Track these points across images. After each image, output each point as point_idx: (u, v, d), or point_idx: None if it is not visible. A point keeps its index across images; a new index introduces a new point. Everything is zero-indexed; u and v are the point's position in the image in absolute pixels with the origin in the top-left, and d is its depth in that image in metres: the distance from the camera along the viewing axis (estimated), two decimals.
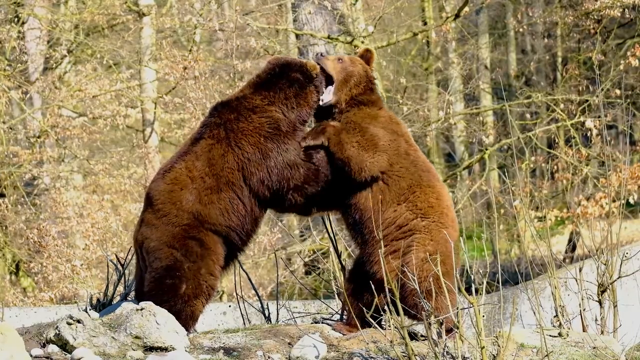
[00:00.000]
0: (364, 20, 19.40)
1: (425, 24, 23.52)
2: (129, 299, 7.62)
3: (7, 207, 18.96)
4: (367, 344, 6.80)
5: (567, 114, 18.87)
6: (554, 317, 7.26)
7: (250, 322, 8.65)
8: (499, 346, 6.36)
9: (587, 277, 7.70)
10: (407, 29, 21.18)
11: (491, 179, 23.51)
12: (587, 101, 18.82)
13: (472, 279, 6.73)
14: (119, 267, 8.06)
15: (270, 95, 7.17)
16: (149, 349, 6.64)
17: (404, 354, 6.46)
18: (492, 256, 17.38)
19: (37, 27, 20.37)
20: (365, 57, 7.38)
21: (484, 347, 6.18)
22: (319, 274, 17.03)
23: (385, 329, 6.74)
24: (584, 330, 7.44)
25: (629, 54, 18.74)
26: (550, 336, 6.89)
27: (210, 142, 7.05)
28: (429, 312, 6.38)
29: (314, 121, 7.34)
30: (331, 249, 8.50)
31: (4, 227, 19.19)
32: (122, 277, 7.98)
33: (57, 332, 6.75)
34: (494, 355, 6.38)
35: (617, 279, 7.48)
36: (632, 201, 17.40)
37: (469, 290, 6.32)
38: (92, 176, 20.41)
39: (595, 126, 18.00)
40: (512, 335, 6.63)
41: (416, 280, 6.59)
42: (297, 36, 19.17)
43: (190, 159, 7.05)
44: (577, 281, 7.53)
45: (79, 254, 17.83)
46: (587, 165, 18.65)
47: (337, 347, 6.86)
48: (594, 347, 6.86)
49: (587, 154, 18.67)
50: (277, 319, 8.82)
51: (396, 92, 20.51)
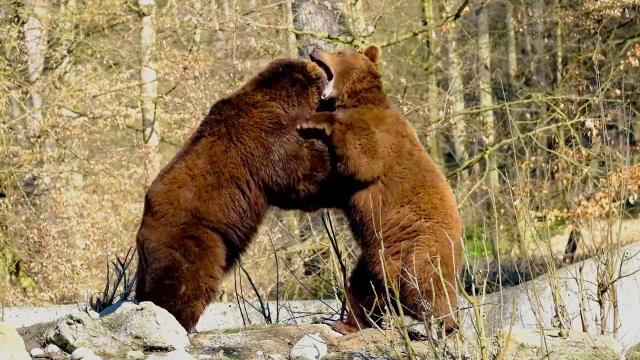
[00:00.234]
0: (364, 20, 19.39)
1: (425, 24, 23.51)
2: (129, 299, 7.62)
3: (7, 207, 18.95)
4: (367, 344, 6.80)
5: (567, 114, 18.85)
6: (554, 317, 7.26)
7: (250, 322, 8.64)
8: (499, 346, 6.36)
9: (587, 277, 7.69)
10: (407, 29, 21.17)
11: (491, 179, 23.50)
12: (587, 101, 18.81)
13: (472, 279, 6.73)
14: (119, 267, 8.05)
15: (271, 92, 7.14)
16: (149, 349, 6.64)
17: (404, 354, 6.46)
18: (492, 256, 17.37)
19: (37, 27, 20.36)
20: (370, 54, 7.30)
21: (484, 347, 6.18)
22: (319, 274, 17.03)
23: (385, 329, 6.74)
24: (584, 330, 7.44)
25: (629, 54, 18.72)
26: (550, 336, 6.89)
27: (211, 140, 7.03)
28: (428, 312, 6.37)
29: None
30: (331, 249, 8.49)
31: (4, 227, 19.18)
32: (122, 277, 7.98)
33: (57, 332, 6.75)
34: (494, 355, 6.38)
35: (617, 279, 7.47)
36: (632, 201, 17.38)
37: (469, 290, 6.31)
38: (92, 176, 20.40)
39: (595, 126, 17.99)
40: (512, 335, 6.63)
41: (417, 280, 6.59)
42: (297, 36, 19.16)
43: (190, 158, 7.03)
44: (577, 281, 7.53)
45: (79, 254, 17.82)
46: (587, 165, 18.64)
47: (337, 347, 6.86)
48: (594, 347, 6.86)
49: (587, 154, 18.66)
50: (277, 319, 8.81)
51: (396, 92, 20.48)
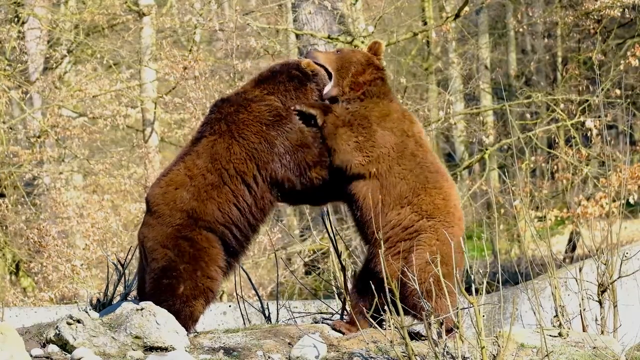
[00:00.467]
0: (364, 20, 19.39)
1: (425, 24, 23.51)
2: (129, 299, 7.62)
3: (7, 207, 18.95)
4: (367, 344, 6.80)
5: (567, 114, 18.85)
6: (554, 317, 7.25)
7: (250, 322, 8.64)
8: (499, 346, 6.36)
9: (587, 277, 7.69)
10: (407, 29, 21.17)
11: (491, 179, 23.50)
12: (587, 101, 18.81)
13: (472, 279, 6.73)
14: (119, 267, 8.05)
15: (269, 87, 7.16)
16: (149, 349, 6.64)
17: (404, 354, 6.45)
18: (492, 256, 17.36)
19: (37, 27, 20.36)
20: (372, 48, 7.31)
21: (484, 347, 6.18)
22: (319, 274, 17.04)
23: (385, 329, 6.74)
24: (584, 330, 7.44)
25: (629, 53, 18.72)
26: (550, 336, 6.89)
27: (212, 139, 7.03)
28: (428, 312, 6.37)
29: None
30: (331, 249, 8.49)
31: (4, 227, 19.18)
32: (122, 277, 7.97)
33: (57, 332, 6.75)
34: (494, 355, 6.37)
35: (617, 279, 7.47)
36: (632, 201, 17.38)
37: (469, 290, 6.31)
38: (92, 176, 20.40)
39: (595, 126, 17.99)
40: (512, 335, 6.62)
41: (417, 280, 6.58)
42: (297, 36, 19.16)
43: (190, 159, 7.04)
44: (577, 281, 7.53)
45: (79, 254, 17.82)
46: (587, 165, 18.64)
47: (337, 347, 6.86)
48: (594, 347, 6.86)
49: (587, 154, 18.66)
50: (277, 319, 8.80)
51: (396, 92, 20.48)
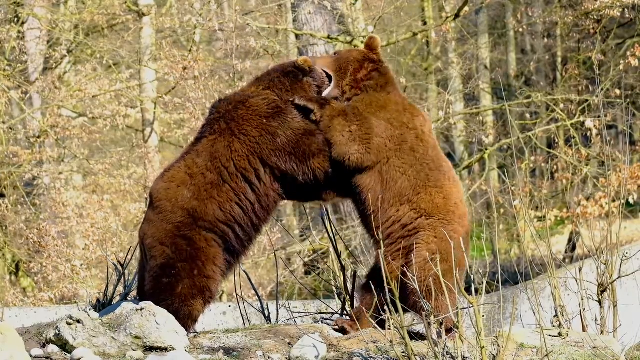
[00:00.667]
0: (364, 20, 19.39)
1: (425, 24, 23.51)
2: (129, 299, 7.62)
3: (7, 207, 18.95)
4: (367, 344, 6.80)
5: (567, 114, 18.85)
6: (554, 317, 7.25)
7: (250, 322, 8.64)
8: (499, 346, 6.36)
9: (587, 277, 7.69)
10: (407, 29, 21.16)
11: (491, 179, 23.50)
12: (587, 101, 18.81)
13: (472, 279, 6.73)
14: (119, 267, 8.05)
15: (265, 83, 7.22)
16: (149, 349, 6.64)
17: (404, 354, 6.45)
18: (492, 256, 17.36)
19: (37, 27, 20.35)
20: (369, 44, 7.34)
21: (484, 347, 6.18)
22: (319, 274, 17.03)
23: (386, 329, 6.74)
24: (584, 330, 7.44)
25: (628, 53, 18.72)
26: (550, 336, 6.88)
27: (212, 138, 7.06)
28: (428, 312, 6.37)
29: None
30: (331, 249, 8.49)
31: (4, 227, 19.18)
32: (122, 277, 7.97)
33: (57, 332, 6.75)
34: (494, 355, 6.37)
35: (617, 278, 7.47)
36: (632, 201, 17.39)
37: (468, 290, 6.31)
38: (92, 176, 20.40)
39: (595, 126, 17.99)
40: (512, 335, 6.62)
41: (417, 280, 6.58)
42: (297, 36, 19.16)
43: (190, 157, 7.07)
44: (577, 281, 7.53)
45: (79, 254, 17.82)
46: (587, 165, 18.64)
47: (337, 347, 6.85)
48: (594, 347, 6.86)
49: (587, 154, 18.66)
50: (277, 319, 8.80)
51: None
